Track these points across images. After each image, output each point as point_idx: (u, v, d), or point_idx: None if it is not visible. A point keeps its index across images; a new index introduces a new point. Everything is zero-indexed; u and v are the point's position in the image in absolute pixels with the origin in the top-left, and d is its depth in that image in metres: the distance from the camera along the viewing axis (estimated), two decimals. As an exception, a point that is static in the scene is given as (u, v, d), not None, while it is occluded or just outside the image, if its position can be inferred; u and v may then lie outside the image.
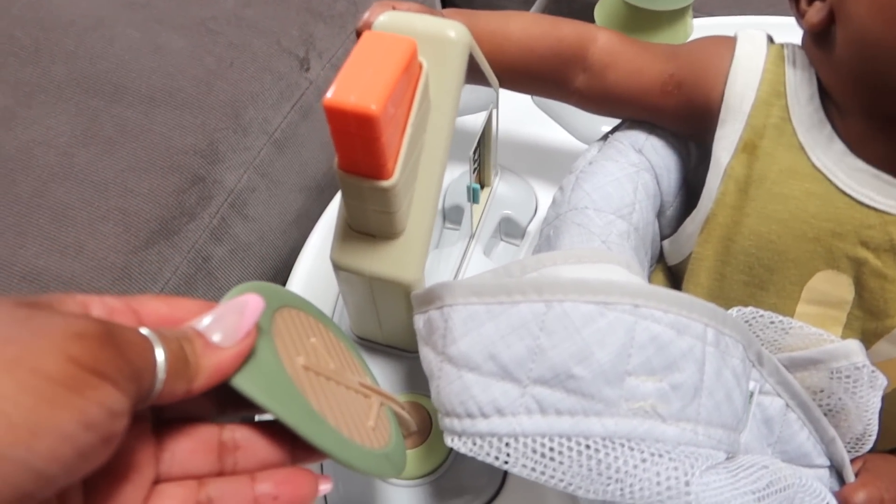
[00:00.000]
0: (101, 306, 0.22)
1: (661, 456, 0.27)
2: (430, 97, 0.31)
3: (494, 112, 0.41)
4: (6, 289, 0.46)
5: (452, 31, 0.31)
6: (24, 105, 0.54)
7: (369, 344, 0.39)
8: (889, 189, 0.32)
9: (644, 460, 0.27)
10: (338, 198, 0.52)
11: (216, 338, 0.22)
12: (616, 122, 0.42)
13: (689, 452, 0.28)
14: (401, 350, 0.39)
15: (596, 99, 0.40)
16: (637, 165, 0.38)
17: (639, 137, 0.39)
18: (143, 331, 0.21)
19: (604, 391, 0.27)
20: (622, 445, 0.27)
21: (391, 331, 0.37)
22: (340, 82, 0.25)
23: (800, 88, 0.35)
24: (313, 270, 0.45)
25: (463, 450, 0.28)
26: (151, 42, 0.57)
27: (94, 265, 0.49)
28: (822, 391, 0.35)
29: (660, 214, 0.41)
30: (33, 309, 0.19)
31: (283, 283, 0.66)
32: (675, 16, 0.45)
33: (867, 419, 0.34)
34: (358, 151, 0.27)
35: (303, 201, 0.64)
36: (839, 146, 0.33)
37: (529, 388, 0.28)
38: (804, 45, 0.36)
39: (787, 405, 0.35)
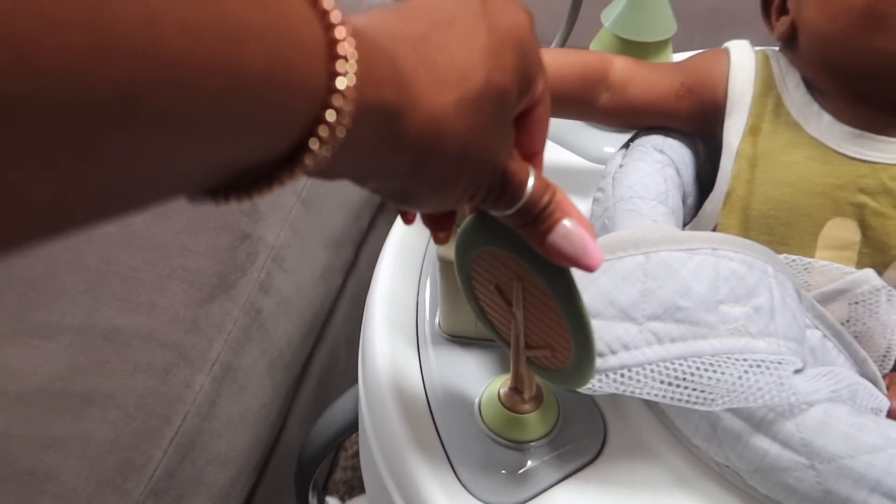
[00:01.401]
0: None
1: (759, 365, 0.34)
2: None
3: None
4: (90, 347, 0.48)
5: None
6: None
7: (461, 341, 0.44)
8: (872, 143, 0.41)
9: (749, 368, 0.33)
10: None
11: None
12: (614, 140, 0.50)
13: (778, 360, 0.34)
14: (494, 341, 0.44)
15: (619, 113, 0.48)
16: (661, 162, 0.46)
17: (657, 140, 0.47)
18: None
19: (705, 317, 0.34)
20: (728, 359, 0.33)
21: (486, 321, 0.42)
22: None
23: (787, 79, 0.44)
24: (395, 274, 0.49)
25: (595, 386, 0.34)
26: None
27: (167, 319, 0.52)
28: (847, 321, 0.43)
29: (682, 203, 0.49)
30: None
31: (320, 334, 0.69)
32: (660, 47, 0.54)
33: (889, 335, 0.42)
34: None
35: (327, 256, 0.68)
36: (827, 118, 0.42)
37: (646, 325, 0.34)
38: (781, 49, 0.45)
39: (825, 335, 0.42)
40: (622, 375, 0.33)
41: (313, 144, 0.18)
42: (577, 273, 0.35)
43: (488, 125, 0.24)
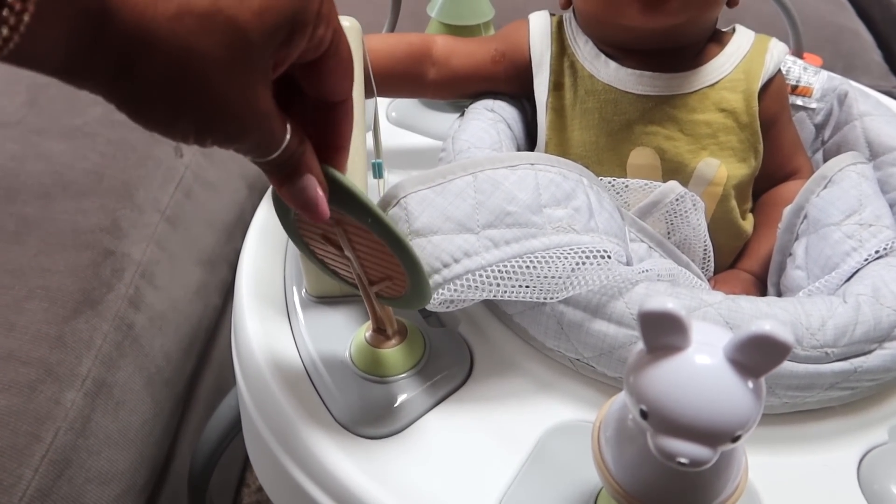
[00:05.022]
0: None
1: (589, 256, 0.38)
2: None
3: (374, 106, 0.52)
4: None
5: (346, 21, 0.42)
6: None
7: (328, 301, 0.46)
8: (651, 81, 0.48)
9: (581, 262, 0.37)
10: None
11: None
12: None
13: (605, 253, 0.38)
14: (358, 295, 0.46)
15: (447, 83, 0.52)
16: (493, 119, 0.51)
17: (487, 103, 0.52)
18: None
19: (532, 219, 0.38)
20: (559, 253, 0.37)
21: (348, 275, 0.44)
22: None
23: (577, 38, 0.50)
24: (261, 244, 0.50)
25: (446, 294, 0.37)
26: (34, 150, 0.61)
27: (29, 337, 0.50)
28: (667, 234, 0.48)
29: (517, 157, 0.54)
30: None
31: (203, 350, 0.69)
32: (481, 30, 0.60)
33: (703, 239, 0.48)
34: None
35: (200, 274, 0.68)
36: (613, 65, 0.49)
37: (482, 233, 0.37)
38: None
39: (650, 247, 0.47)
40: (468, 280, 0.36)
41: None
42: (414, 199, 0.38)
43: (216, 58, 0.23)
